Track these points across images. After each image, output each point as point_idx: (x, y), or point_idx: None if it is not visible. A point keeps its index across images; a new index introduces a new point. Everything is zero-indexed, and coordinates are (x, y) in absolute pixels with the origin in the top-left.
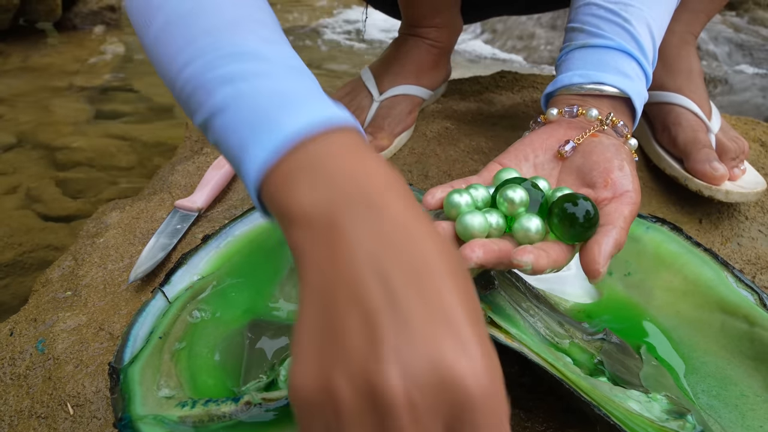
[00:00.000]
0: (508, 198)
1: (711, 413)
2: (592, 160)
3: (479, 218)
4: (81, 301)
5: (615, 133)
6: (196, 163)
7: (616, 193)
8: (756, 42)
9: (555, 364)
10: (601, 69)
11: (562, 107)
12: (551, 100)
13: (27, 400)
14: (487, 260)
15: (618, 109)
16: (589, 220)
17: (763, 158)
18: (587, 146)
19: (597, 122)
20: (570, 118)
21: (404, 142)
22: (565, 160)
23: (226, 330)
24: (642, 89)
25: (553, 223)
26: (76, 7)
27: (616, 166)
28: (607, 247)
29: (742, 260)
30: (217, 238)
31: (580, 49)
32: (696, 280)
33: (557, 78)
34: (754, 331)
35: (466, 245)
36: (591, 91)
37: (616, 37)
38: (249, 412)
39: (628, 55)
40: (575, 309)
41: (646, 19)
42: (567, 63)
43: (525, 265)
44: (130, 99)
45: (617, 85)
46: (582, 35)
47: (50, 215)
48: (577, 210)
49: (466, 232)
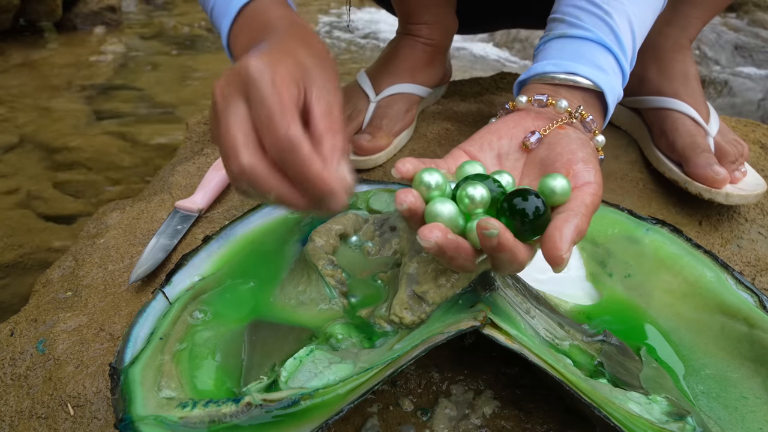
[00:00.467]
0: (469, 195)
1: (711, 415)
2: (555, 151)
3: (450, 207)
4: (81, 302)
5: (583, 128)
6: (197, 164)
7: (578, 183)
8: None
9: (555, 366)
10: (576, 60)
11: (532, 95)
12: (523, 88)
13: (27, 401)
14: (445, 245)
15: (589, 103)
16: (539, 216)
17: (763, 160)
18: (552, 138)
19: (566, 114)
20: (539, 108)
21: (404, 142)
22: (529, 151)
23: (227, 331)
24: (617, 85)
25: (503, 220)
26: (77, 8)
27: (580, 158)
28: (569, 233)
29: (741, 262)
30: (218, 238)
31: (558, 39)
32: (696, 282)
33: (531, 66)
34: (754, 333)
35: (426, 226)
36: (564, 81)
37: (595, 29)
38: (249, 412)
39: (606, 48)
40: (575, 310)
41: (628, 15)
42: (543, 52)
43: (492, 228)
44: (130, 99)
45: (591, 77)
46: (562, 25)
47: (50, 216)
48: (526, 205)
49: (434, 219)
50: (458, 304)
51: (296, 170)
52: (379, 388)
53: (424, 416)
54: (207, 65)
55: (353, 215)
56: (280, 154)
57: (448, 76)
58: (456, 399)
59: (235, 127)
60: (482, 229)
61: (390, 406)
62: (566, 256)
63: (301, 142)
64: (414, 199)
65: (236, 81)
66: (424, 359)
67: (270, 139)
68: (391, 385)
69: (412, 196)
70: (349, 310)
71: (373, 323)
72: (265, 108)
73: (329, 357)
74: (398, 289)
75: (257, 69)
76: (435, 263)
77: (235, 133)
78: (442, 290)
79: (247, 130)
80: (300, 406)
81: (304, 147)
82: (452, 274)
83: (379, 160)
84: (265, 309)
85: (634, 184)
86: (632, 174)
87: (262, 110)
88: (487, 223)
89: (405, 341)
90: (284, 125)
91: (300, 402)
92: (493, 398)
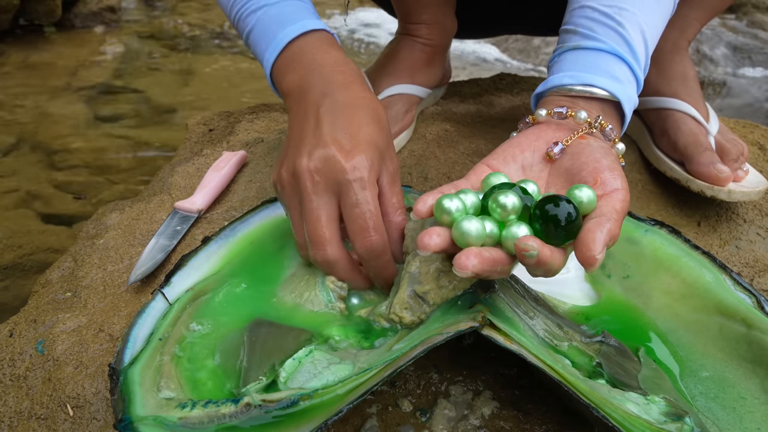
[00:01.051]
0: (500, 204)
1: (709, 415)
2: (580, 161)
3: (476, 224)
4: (81, 303)
5: (603, 137)
6: (196, 165)
7: (606, 191)
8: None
9: (554, 366)
10: (592, 71)
11: (551, 108)
12: (541, 100)
13: (26, 402)
14: (482, 269)
15: (607, 113)
16: (572, 222)
17: (761, 161)
18: (575, 148)
19: (586, 125)
20: (559, 120)
21: (404, 143)
22: (553, 162)
23: (226, 331)
24: (632, 94)
25: (535, 226)
26: (76, 8)
27: (606, 167)
28: (602, 236)
29: (740, 263)
30: (217, 239)
31: (573, 50)
32: (694, 282)
33: (548, 78)
34: (752, 333)
35: (461, 254)
36: (581, 93)
37: (608, 41)
38: (249, 413)
39: (620, 59)
40: (574, 311)
41: (640, 25)
42: (558, 64)
43: (531, 249)
44: (129, 100)
45: (607, 88)
46: (575, 37)
47: (50, 217)
48: (558, 211)
49: (463, 239)
50: (457, 305)
51: (377, 271)
52: (378, 389)
53: (423, 417)
54: (207, 66)
55: None
56: (368, 256)
57: (447, 77)
58: (455, 400)
59: (325, 221)
60: (522, 250)
61: (389, 407)
62: (599, 257)
63: (386, 250)
64: (439, 240)
65: (328, 175)
66: (423, 360)
67: (362, 244)
68: (390, 386)
69: (436, 236)
70: (346, 314)
71: (372, 321)
72: (360, 214)
73: (328, 357)
74: (399, 287)
75: (352, 172)
76: (438, 263)
77: (326, 227)
78: (444, 291)
79: (336, 227)
80: (299, 406)
81: (387, 254)
82: (455, 275)
83: None
84: (265, 310)
85: (633, 185)
86: (631, 175)
87: (358, 215)
88: (526, 245)
89: (404, 342)
90: (376, 235)
91: (299, 402)
92: (491, 399)
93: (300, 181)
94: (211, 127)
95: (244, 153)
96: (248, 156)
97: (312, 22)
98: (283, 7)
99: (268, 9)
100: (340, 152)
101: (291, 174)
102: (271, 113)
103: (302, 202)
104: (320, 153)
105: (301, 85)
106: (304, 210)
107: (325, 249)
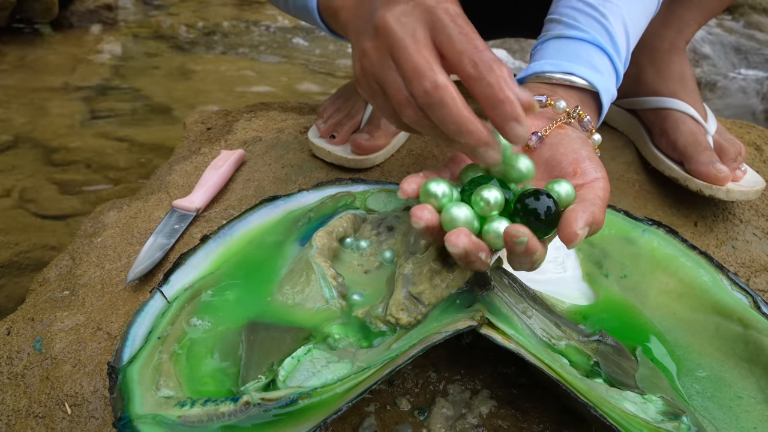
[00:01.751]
0: (483, 198)
1: (705, 415)
2: (560, 152)
3: (465, 210)
4: (78, 301)
5: (581, 127)
6: (194, 163)
7: (587, 180)
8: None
9: (552, 365)
10: (573, 60)
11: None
12: (521, 86)
13: (24, 400)
14: (470, 249)
15: (585, 103)
16: (551, 215)
17: (758, 162)
18: (554, 138)
19: (564, 114)
20: (539, 108)
21: (402, 142)
22: (532, 151)
23: (225, 330)
24: (611, 86)
25: (516, 220)
26: (73, 6)
27: (585, 157)
28: (584, 215)
29: (736, 263)
30: (216, 238)
31: (555, 39)
32: (691, 282)
33: (529, 65)
34: (749, 333)
35: (453, 232)
36: (561, 80)
37: (591, 31)
38: (248, 411)
39: (602, 50)
40: (572, 311)
41: (623, 17)
42: (541, 52)
43: (522, 236)
44: (127, 98)
45: (587, 78)
46: (559, 26)
47: (47, 215)
48: (538, 205)
49: (452, 224)
50: (455, 304)
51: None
52: (377, 388)
53: (421, 416)
54: (204, 65)
55: (352, 215)
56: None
57: None
58: (453, 398)
59: (424, 49)
60: (512, 237)
61: (387, 406)
62: (581, 233)
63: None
64: (430, 215)
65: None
66: (422, 359)
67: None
68: (389, 385)
69: (427, 211)
70: (346, 311)
71: (369, 323)
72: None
73: (327, 356)
74: (394, 289)
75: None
76: (430, 264)
77: (427, 53)
78: (438, 290)
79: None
80: (298, 405)
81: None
82: (448, 274)
83: (377, 159)
84: (263, 308)
85: (631, 185)
86: (628, 175)
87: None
88: (516, 231)
89: (402, 341)
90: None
91: (298, 401)
92: (489, 398)
93: (389, 34)
94: (209, 126)
95: (242, 152)
96: (246, 155)
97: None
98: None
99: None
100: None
101: (374, 35)
102: (270, 112)
103: (397, 50)
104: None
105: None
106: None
107: (434, 72)
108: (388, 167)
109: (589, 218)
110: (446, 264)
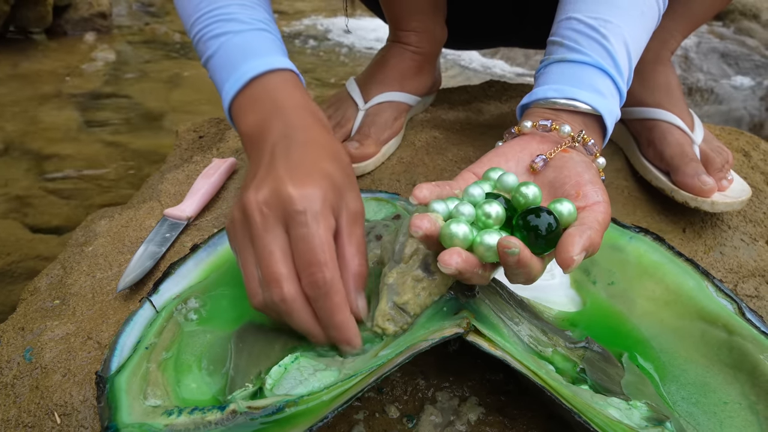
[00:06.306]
0: (485, 213)
1: (690, 420)
2: (563, 174)
3: (464, 228)
4: (69, 310)
5: (585, 151)
6: (186, 172)
7: (588, 203)
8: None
9: (537, 372)
10: (575, 85)
11: (536, 120)
12: (526, 111)
13: (14, 410)
14: (464, 268)
15: (589, 126)
16: (552, 232)
17: (746, 168)
18: (559, 161)
19: (569, 138)
20: (543, 132)
21: (392, 150)
22: (537, 173)
23: (213, 339)
24: (614, 108)
25: (517, 236)
26: (67, 14)
27: (588, 180)
28: (581, 240)
29: (724, 269)
30: (206, 247)
31: (558, 63)
32: (678, 289)
33: (533, 90)
34: (733, 339)
35: (446, 252)
36: (564, 106)
37: (593, 54)
38: (235, 420)
39: (604, 72)
40: (559, 317)
41: (624, 37)
42: (544, 76)
43: (513, 247)
44: (120, 107)
45: (590, 103)
46: (561, 49)
47: (38, 224)
48: (540, 222)
49: (450, 240)
50: (442, 311)
51: (325, 313)
52: (365, 395)
53: (409, 423)
54: (197, 73)
55: None
56: (316, 294)
57: (437, 85)
58: (441, 406)
59: (280, 256)
60: (504, 247)
61: (376, 413)
62: (576, 258)
63: (337, 289)
64: (429, 224)
65: (277, 206)
66: (410, 366)
67: (308, 279)
68: (377, 392)
69: (427, 221)
70: None
71: None
72: (307, 247)
73: (314, 364)
74: (379, 300)
75: (301, 202)
76: (414, 271)
77: (281, 262)
78: (421, 299)
79: (290, 263)
80: (285, 413)
81: (338, 294)
82: (430, 282)
83: (367, 168)
84: (251, 317)
85: (620, 191)
86: (617, 182)
87: (305, 249)
88: (508, 242)
89: (390, 348)
90: (326, 271)
91: (285, 409)
92: (478, 405)
93: (250, 218)
94: (201, 134)
95: (233, 160)
96: (238, 163)
97: (278, 59)
98: (249, 38)
99: (232, 37)
100: (290, 182)
101: (241, 211)
102: None
103: (253, 240)
104: (270, 185)
105: (260, 127)
106: (256, 248)
107: (281, 286)
108: (378, 176)
109: (587, 243)
110: (427, 271)
